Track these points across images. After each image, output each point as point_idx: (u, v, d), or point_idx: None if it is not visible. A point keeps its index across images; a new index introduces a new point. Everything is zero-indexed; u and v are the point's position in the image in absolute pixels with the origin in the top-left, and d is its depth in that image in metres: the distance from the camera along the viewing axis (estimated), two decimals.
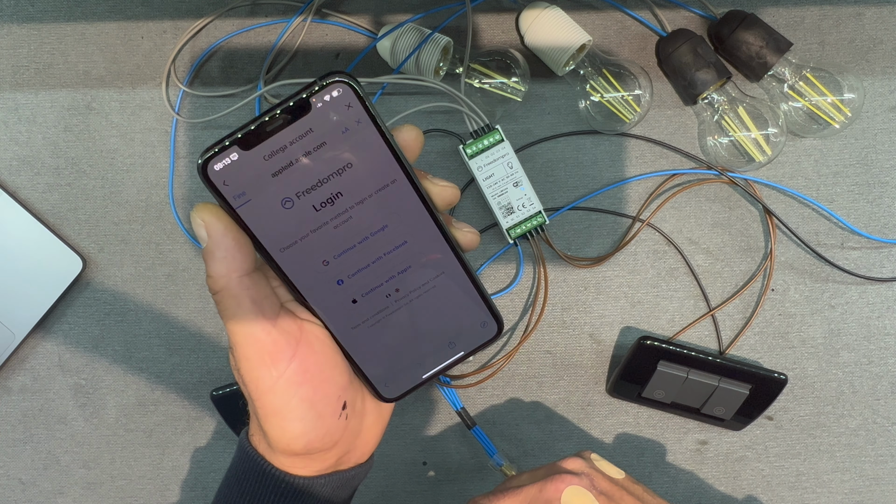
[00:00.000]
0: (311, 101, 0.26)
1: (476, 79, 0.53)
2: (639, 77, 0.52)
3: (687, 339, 0.55)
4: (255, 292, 0.29)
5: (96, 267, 0.55)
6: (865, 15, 0.55)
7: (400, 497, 0.56)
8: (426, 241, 0.30)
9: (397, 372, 0.33)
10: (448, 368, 0.33)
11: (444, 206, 0.30)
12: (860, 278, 0.55)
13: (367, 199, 0.28)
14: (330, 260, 0.29)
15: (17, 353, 0.55)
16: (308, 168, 0.27)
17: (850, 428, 0.56)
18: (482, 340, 0.33)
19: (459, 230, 0.31)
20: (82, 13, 0.55)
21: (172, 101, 0.55)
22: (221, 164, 0.26)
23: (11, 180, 0.55)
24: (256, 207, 0.27)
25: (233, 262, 0.28)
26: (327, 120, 0.26)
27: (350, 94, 0.26)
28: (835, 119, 0.52)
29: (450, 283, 0.31)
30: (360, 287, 0.30)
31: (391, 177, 0.28)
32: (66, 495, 0.57)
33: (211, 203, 0.28)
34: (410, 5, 0.55)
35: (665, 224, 0.55)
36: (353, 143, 0.27)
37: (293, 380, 0.29)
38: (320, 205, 0.28)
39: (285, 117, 0.26)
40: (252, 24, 0.55)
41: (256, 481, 0.33)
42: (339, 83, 0.26)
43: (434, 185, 0.30)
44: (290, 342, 0.29)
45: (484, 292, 0.32)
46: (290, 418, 0.30)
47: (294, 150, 0.27)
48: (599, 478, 0.40)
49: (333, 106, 0.26)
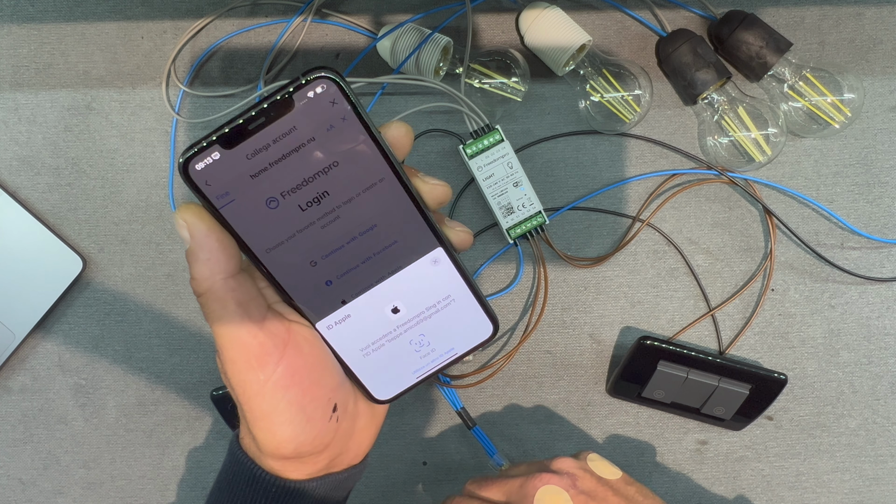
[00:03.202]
0: (294, 97, 0.25)
1: (476, 79, 0.53)
2: (639, 77, 0.52)
3: (687, 339, 0.55)
4: (241, 294, 0.28)
5: (96, 267, 0.55)
6: (865, 15, 0.55)
7: (400, 497, 0.56)
8: (417, 241, 0.29)
9: (390, 373, 0.32)
10: (443, 370, 0.33)
11: (436, 205, 0.30)
12: (860, 278, 0.55)
13: (355, 198, 0.27)
14: (318, 260, 0.29)
15: (17, 353, 0.55)
16: (293, 167, 0.26)
17: (850, 428, 0.56)
18: (477, 341, 0.33)
19: (452, 229, 0.30)
20: (82, 13, 0.55)
21: (172, 101, 0.55)
22: (203, 163, 0.25)
23: (11, 180, 0.55)
24: (240, 207, 0.27)
25: (217, 265, 0.27)
26: (311, 117, 0.25)
27: (335, 90, 0.25)
28: (835, 119, 0.52)
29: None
30: (349, 288, 0.30)
31: (379, 175, 0.27)
32: (66, 495, 0.57)
33: (194, 203, 0.27)
34: (410, 5, 0.55)
35: (665, 224, 0.55)
36: (338, 140, 0.26)
37: (281, 383, 0.29)
38: (306, 204, 0.27)
39: (267, 114, 0.25)
40: (252, 24, 0.55)
41: (247, 485, 0.32)
42: (322, 79, 0.25)
43: (425, 184, 0.29)
44: (277, 345, 0.29)
45: (479, 293, 0.31)
46: (279, 422, 0.29)
47: (277, 149, 0.26)
48: (585, 478, 0.40)
49: (317, 102, 0.25)
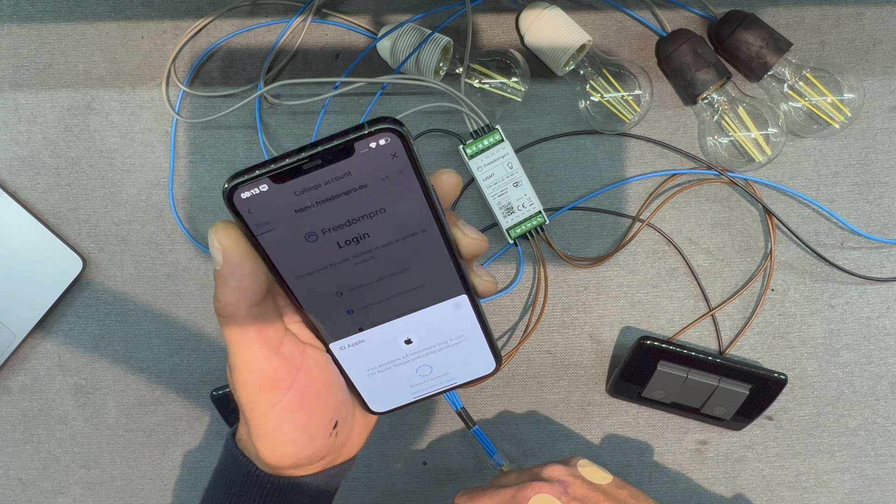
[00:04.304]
0: (356, 145, 0.24)
1: (476, 79, 0.53)
2: (639, 77, 0.52)
3: (687, 339, 0.55)
4: (262, 322, 0.28)
5: (96, 267, 0.55)
6: (865, 15, 0.55)
7: (400, 497, 0.56)
8: (444, 287, 0.29)
9: (390, 391, 0.33)
10: (439, 394, 0.34)
11: (470, 257, 0.30)
12: (860, 278, 0.55)
13: (394, 243, 0.27)
14: (344, 292, 0.29)
15: (17, 353, 0.55)
16: (339, 208, 0.26)
17: (850, 428, 0.56)
18: (478, 375, 0.33)
19: (480, 277, 0.30)
20: (82, 13, 0.55)
21: (172, 101, 0.55)
22: (249, 193, 0.25)
23: (11, 180, 0.55)
24: (278, 238, 0.26)
25: (244, 293, 0.27)
26: (369, 166, 0.25)
27: (398, 144, 0.25)
28: (835, 119, 0.52)
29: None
30: (368, 318, 0.30)
31: (423, 226, 0.27)
32: (66, 495, 0.57)
33: (231, 224, 0.27)
34: (410, 5, 0.55)
35: (665, 224, 0.55)
36: (390, 190, 0.26)
37: (289, 406, 0.30)
38: (345, 242, 0.27)
39: (325, 158, 0.24)
40: (252, 24, 0.55)
41: (243, 481, 0.33)
42: (388, 131, 0.24)
43: (465, 237, 0.29)
44: (290, 371, 0.29)
45: (490, 334, 0.32)
46: (283, 441, 0.30)
47: (327, 190, 0.25)
48: (576, 484, 0.40)
49: (378, 153, 0.25)
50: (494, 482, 0.44)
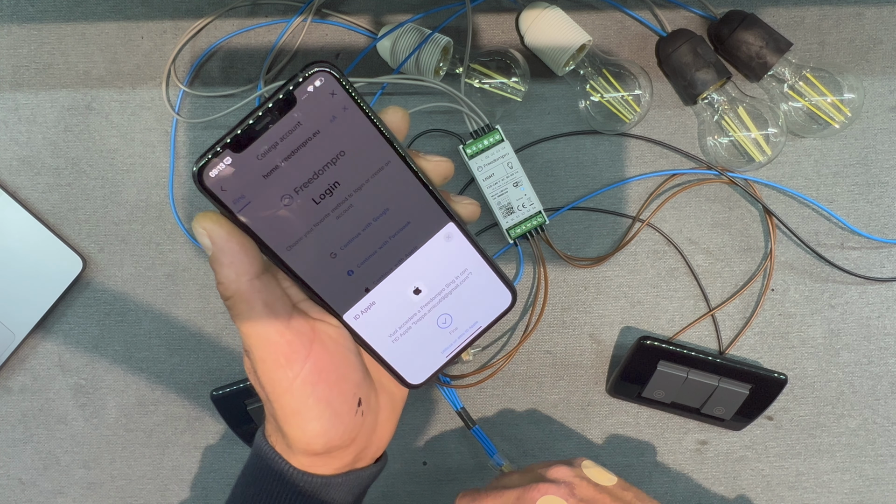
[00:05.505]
0: (295, 94, 0.26)
1: (476, 79, 0.53)
2: (639, 77, 0.52)
3: (687, 339, 0.55)
4: (267, 294, 0.29)
5: (96, 267, 0.55)
6: (865, 15, 0.55)
7: (400, 497, 0.56)
8: (429, 219, 0.30)
9: (421, 356, 0.33)
10: (470, 344, 0.34)
11: (441, 181, 0.31)
12: (860, 278, 0.55)
13: (365, 185, 0.28)
14: (337, 251, 0.29)
15: (17, 353, 0.55)
16: (302, 161, 0.27)
17: (850, 428, 0.56)
18: (499, 311, 0.33)
19: (459, 203, 0.32)
20: (82, 13, 0.55)
21: (172, 101, 0.55)
22: (216, 169, 0.26)
23: (11, 180, 0.55)
24: (257, 209, 0.27)
25: (241, 266, 0.28)
26: (313, 110, 0.26)
27: (332, 82, 0.26)
28: (835, 119, 0.52)
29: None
30: (370, 275, 0.30)
31: (385, 159, 0.28)
32: (66, 495, 0.57)
33: (212, 211, 0.28)
34: (410, 5, 0.55)
35: (665, 224, 0.55)
36: (342, 130, 0.27)
37: (309, 379, 0.30)
38: (319, 197, 0.28)
39: (272, 113, 0.26)
40: (252, 24, 0.55)
41: (275, 480, 0.33)
42: (319, 72, 0.26)
43: (428, 162, 0.30)
44: (304, 342, 0.30)
45: (494, 263, 0.32)
46: (309, 417, 0.30)
47: (286, 146, 0.27)
48: (582, 486, 0.40)
49: (317, 96, 0.26)
50: (496, 483, 0.43)
